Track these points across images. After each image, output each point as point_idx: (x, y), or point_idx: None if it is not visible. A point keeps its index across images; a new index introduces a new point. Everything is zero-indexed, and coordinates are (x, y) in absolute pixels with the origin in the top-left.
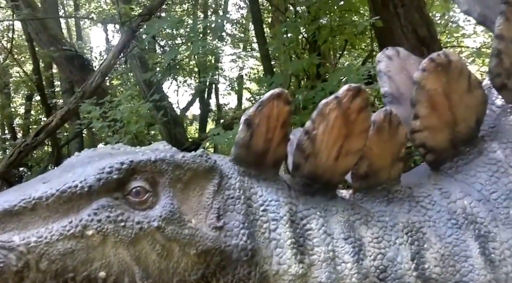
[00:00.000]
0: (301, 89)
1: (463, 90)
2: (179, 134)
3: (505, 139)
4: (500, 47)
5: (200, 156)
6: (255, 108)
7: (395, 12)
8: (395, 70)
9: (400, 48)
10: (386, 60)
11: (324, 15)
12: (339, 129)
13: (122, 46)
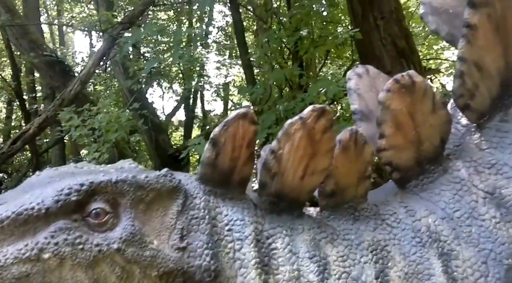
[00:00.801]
0: (282, 100)
1: (428, 110)
2: (162, 141)
3: (468, 158)
4: (463, 69)
5: (164, 176)
6: (220, 127)
7: (375, 24)
8: (364, 87)
9: (370, 66)
10: (356, 78)
11: (306, 26)
12: (304, 149)
13: (102, 54)
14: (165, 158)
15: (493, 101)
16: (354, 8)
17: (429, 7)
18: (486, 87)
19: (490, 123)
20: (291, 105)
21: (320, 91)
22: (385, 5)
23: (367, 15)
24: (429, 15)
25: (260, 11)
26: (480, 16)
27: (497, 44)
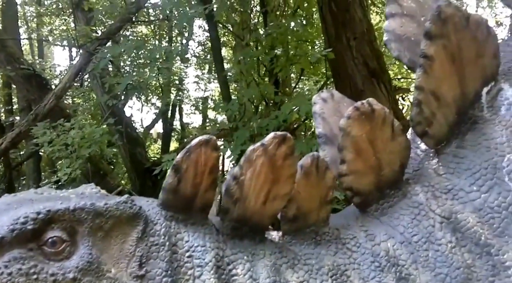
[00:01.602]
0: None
1: (387, 137)
2: (139, 154)
3: (427, 183)
4: (420, 98)
5: (124, 203)
6: (182, 154)
7: (347, 45)
8: (329, 112)
9: (335, 91)
10: (321, 102)
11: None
12: (266, 175)
13: (79, 69)
14: (141, 172)
15: (450, 128)
16: (328, 28)
17: (392, 34)
18: (443, 114)
19: (447, 149)
20: (264, 122)
21: (293, 109)
22: (358, 26)
23: (340, 36)
24: (392, 42)
25: (238, 29)
26: (436, 47)
27: (453, 74)
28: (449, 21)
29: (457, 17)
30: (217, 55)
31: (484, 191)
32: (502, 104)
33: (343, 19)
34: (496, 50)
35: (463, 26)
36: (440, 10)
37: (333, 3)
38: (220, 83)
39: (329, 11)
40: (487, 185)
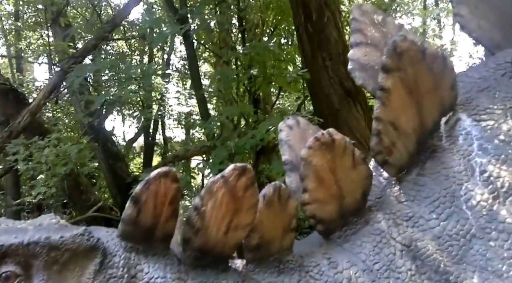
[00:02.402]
0: (234, 135)
1: (348, 166)
2: (120, 169)
3: (388, 210)
4: (379, 128)
5: (81, 235)
6: (142, 185)
7: (323, 65)
8: (295, 139)
9: (301, 118)
10: (287, 130)
11: (257, 64)
12: (227, 205)
13: (53, 87)
14: (122, 187)
15: (411, 156)
16: (304, 48)
17: (357, 63)
18: (403, 144)
19: (408, 177)
20: (242, 141)
21: (270, 129)
22: (333, 47)
23: (316, 56)
24: (357, 70)
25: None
26: (393, 80)
27: (411, 104)
28: (405, 55)
29: (413, 51)
30: (194, 73)
31: (443, 219)
32: (460, 134)
33: (319, 39)
34: (453, 81)
35: (419, 59)
36: (396, 45)
37: (309, 24)
38: (198, 101)
39: (305, 32)
40: (446, 213)
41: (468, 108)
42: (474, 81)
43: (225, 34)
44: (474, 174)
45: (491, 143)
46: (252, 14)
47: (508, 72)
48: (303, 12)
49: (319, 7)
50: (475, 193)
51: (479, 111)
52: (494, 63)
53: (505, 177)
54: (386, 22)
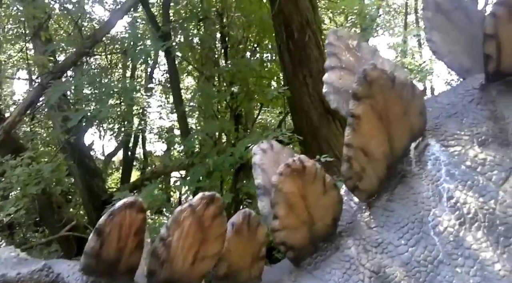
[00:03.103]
0: (213, 152)
1: (319, 192)
2: (96, 186)
3: (358, 236)
4: (350, 154)
5: (40, 271)
6: (106, 217)
7: (304, 82)
8: (268, 163)
9: (274, 142)
10: (261, 154)
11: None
12: (193, 235)
13: (30, 103)
14: (98, 204)
15: (380, 182)
16: (285, 65)
17: (331, 86)
18: (373, 169)
19: (378, 202)
20: (220, 159)
21: (249, 146)
22: (314, 65)
23: (297, 73)
24: (331, 94)
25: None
26: (363, 107)
27: (381, 131)
28: (375, 83)
29: (382, 79)
30: (175, 89)
31: (411, 245)
32: (429, 159)
33: (300, 57)
34: (421, 108)
35: (389, 87)
36: (366, 73)
37: (291, 42)
38: (179, 118)
39: (287, 49)
40: (414, 239)
41: (437, 134)
42: (443, 106)
43: (207, 50)
44: (442, 200)
45: (458, 169)
46: (235, 31)
47: (476, 98)
48: (285, 30)
49: (300, 25)
50: (442, 219)
51: (447, 137)
52: (463, 89)
53: (471, 203)
54: (360, 47)
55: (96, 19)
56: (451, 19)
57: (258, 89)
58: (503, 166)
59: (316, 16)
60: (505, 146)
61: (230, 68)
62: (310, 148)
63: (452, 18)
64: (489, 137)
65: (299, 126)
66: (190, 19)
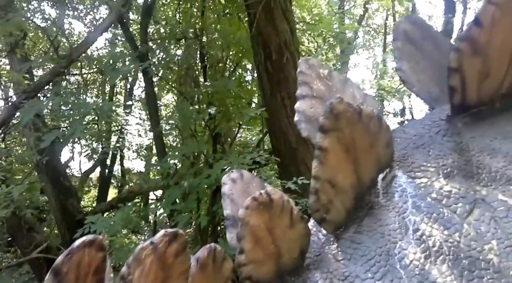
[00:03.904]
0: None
1: (286, 225)
2: (71, 205)
3: (326, 269)
4: (317, 187)
5: None
6: (63, 256)
7: (282, 103)
8: (237, 193)
9: (244, 171)
10: (230, 183)
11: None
12: (155, 274)
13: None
14: (72, 224)
15: (348, 213)
16: (264, 87)
17: (303, 115)
18: (340, 201)
19: (346, 234)
20: (196, 181)
21: (225, 169)
22: (291, 87)
23: (275, 94)
24: (303, 122)
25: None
26: (330, 140)
27: (348, 163)
28: (341, 116)
29: (349, 112)
30: (152, 110)
31: (378, 278)
32: (396, 191)
33: (278, 79)
34: (389, 140)
35: (355, 120)
36: (332, 107)
37: (269, 63)
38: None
39: (265, 71)
40: (381, 272)
41: (404, 165)
42: (411, 137)
43: (185, 70)
44: (408, 232)
45: (424, 201)
46: (215, 51)
47: (442, 129)
48: (263, 51)
49: (278, 47)
50: (408, 252)
51: (414, 168)
52: (430, 120)
53: (436, 236)
54: (331, 76)
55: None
56: (420, 49)
57: (236, 110)
58: (467, 198)
59: (294, 38)
60: (469, 178)
61: (207, 88)
62: (288, 170)
63: (421, 48)
64: (454, 169)
65: (277, 147)
66: (168, 38)
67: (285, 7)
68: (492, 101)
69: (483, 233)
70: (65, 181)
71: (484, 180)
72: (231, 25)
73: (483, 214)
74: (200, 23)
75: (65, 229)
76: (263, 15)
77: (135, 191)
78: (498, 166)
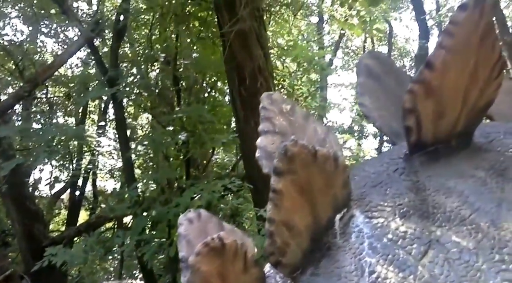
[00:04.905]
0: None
1: (239, 269)
2: (37, 230)
3: None
4: (272, 229)
5: None
6: None
7: (255, 129)
8: (194, 233)
9: (203, 210)
10: (186, 224)
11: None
12: None
13: None
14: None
15: (305, 255)
16: (238, 112)
17: (264, 151)
18: (296, 243)
19: (303, 277)
20: (164, 210)
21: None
22: None
23: (249, 120)
24: (264, 159)
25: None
26: (284, 182)
27: (304, 204)
28: (296, 158)
29: (303, 154)
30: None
31: None
32: (353, 231)
33: (252, 104)
34: (346, 179)
35: (310, 161)
36: (286, 149)
37: (243, 88)
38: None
39: (239, 95)
40: None
41: (362, 204)
42: (369, 175)
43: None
44: (364, 274)
45: (380, 241)
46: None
47: (400, 168)
48: (237, 76)
49: (252, 72)
50: None
51: (371, 208)
52: (388, 157)
53: (391, 278)
54: (294, 111)
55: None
56: (382, 84)
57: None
58: (422, 239)
59: (269, 63)
60: (425, 219)
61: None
62: (261, 196)
63: (384, 83)
64: (410, 209)
65: (250, 173)
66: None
67: (259, 32)
68: (448, 140)
69: (437, 275)
70: (31, 204)
71: (439, 220)
72: (205, 48)
73: (437, 255)
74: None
75: (30, 256)
76: (237, 41)
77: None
78: (453, 206)
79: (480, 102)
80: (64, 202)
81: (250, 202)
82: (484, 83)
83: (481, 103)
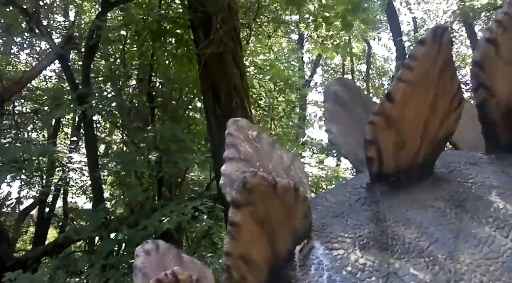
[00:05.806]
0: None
1: None
2: (1, 250)
3: None
4: (229, 263)
5: None
6: None
7: None
8: (151, 266)
9: (161, 241)
10: (143, 256)
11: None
12: None
13: None
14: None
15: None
16: (212, 131)
17: (228, 178)
18: (254, 277)
19: None
20: (132, 233)
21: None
22: None
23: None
24: (227, 186)
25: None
26: (243, 215)
27: (263, 237)
28: (255, 190)
29: (262, 186)
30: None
31: None
32: (313, 263)
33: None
34: (306, 210)
35: (270, 193)
36: (245, 181)
37: (218, 107)
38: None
39: (214, 114)
40: None
41: (322, 235)
42: (331, 205)
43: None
44: None
45: (339, 274)
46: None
47: (362, 198)
48: (212, 95)
49: (228, 91)
50: None
51: (331, 239)
52: (351, 187)
53: None
54: (260, 138)
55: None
56: (349, 111)
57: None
58: (380, 272)
59: (244, 82)
60: (384, 250)
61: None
62: None
63: (351, 110)
64: (370, 240)
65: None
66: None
67: (236, 51)
68: (409, 170)
69: None
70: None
71: (397, 252)
72: (181, 65)
73: None
74: (150, 63)
75: None
76: (212, 60)
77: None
78: (412, 237)
79: (440, 133)
80: (33, 219)
81: (222, 221)
82: (444, 115)
83: (441, 134)
